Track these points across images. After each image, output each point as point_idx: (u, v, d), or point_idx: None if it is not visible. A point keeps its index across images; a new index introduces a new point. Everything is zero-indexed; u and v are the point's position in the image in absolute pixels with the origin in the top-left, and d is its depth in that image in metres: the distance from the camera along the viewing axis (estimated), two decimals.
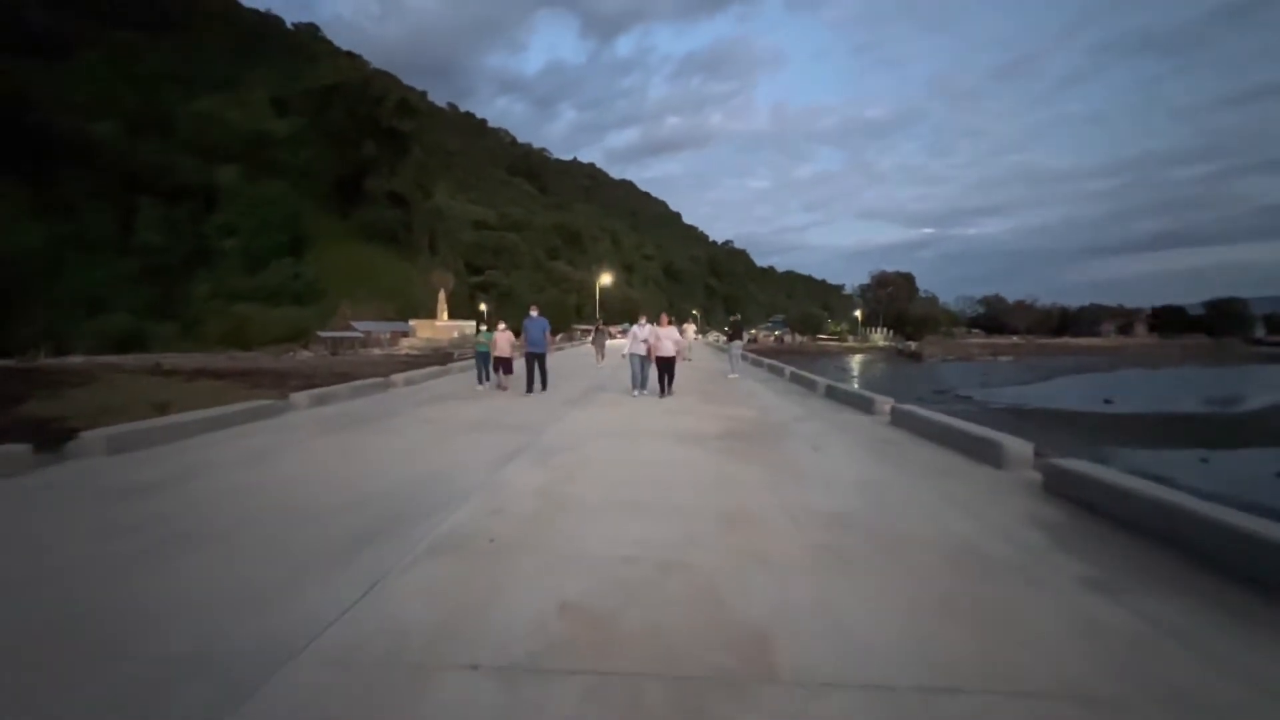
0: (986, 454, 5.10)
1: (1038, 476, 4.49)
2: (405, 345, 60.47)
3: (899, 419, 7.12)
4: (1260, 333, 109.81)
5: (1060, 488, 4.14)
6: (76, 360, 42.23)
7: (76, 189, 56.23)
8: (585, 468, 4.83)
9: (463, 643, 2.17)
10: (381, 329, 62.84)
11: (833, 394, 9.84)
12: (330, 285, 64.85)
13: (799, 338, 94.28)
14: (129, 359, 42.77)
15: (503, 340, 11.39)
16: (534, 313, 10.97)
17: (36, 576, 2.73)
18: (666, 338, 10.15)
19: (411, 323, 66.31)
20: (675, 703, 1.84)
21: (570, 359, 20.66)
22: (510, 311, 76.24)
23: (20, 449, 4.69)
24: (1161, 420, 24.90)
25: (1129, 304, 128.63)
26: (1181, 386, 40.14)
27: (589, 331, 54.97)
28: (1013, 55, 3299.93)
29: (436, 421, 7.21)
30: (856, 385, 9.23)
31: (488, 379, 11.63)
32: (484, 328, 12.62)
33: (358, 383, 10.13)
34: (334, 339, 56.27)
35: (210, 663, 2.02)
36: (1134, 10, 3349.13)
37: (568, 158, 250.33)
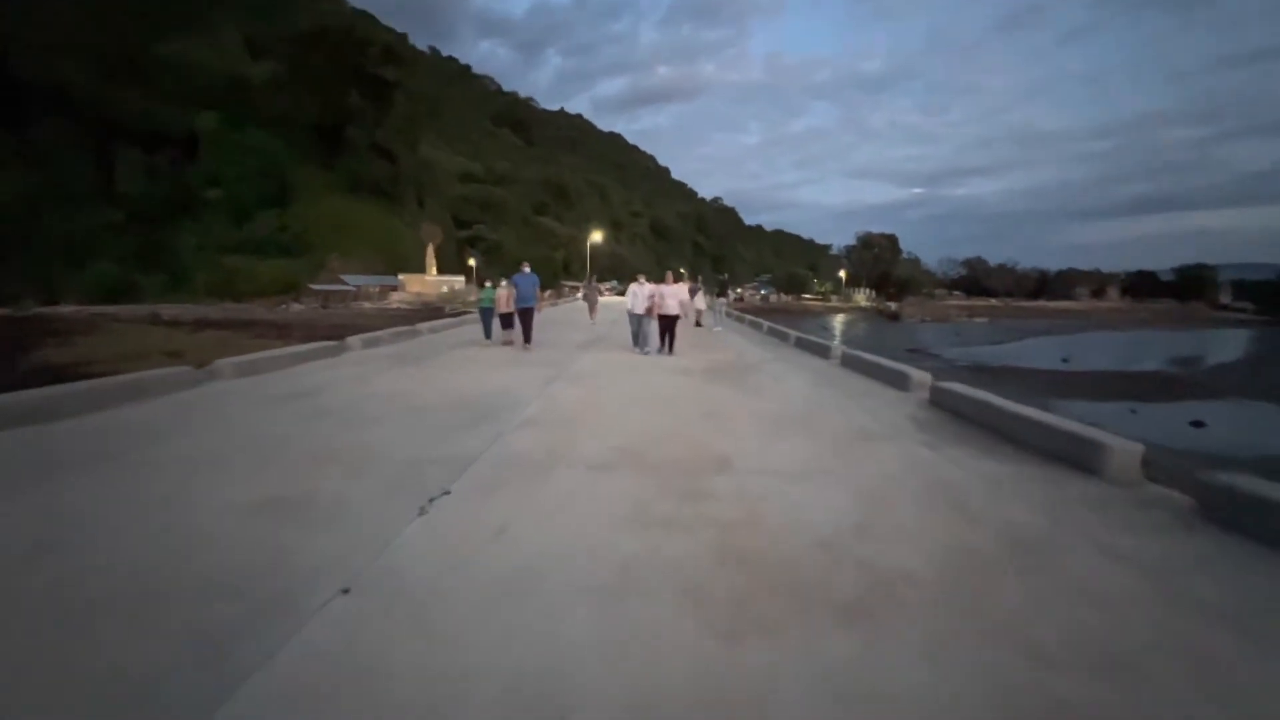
0: (900, 382, 6.96)
1: (927, 395, 6.35)
2: (395, 300, 61.25)
3: (846, 361, 8.98)
4: (1227, 299, 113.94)
5: (938, 400, 6.01)
6: (68, 310, 42.78)
7: (52, 136, 55.15)
8: (607, 388, 6.61)
9: (561, 458, 3.95)
10: (370, 283, 63.35)
11: (800, 344, 11.67)
12: (317, 238, 64.83)
13: (784, 297, 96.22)
14: (123, 310, 43.33)
15: (506, 296, 11.90)
16: (526, 269, 11.38)
17: (283, 435, 4.44)
18: (671, 296, 10.12)
19: (400, 277, 66.84)
20: (682, 479, 3.64)
21: (563, 314, 22.06)
22: (499, 267, 76.80)
23: (185, 369, 6.33)
24: (1110, 377, 27.35)
25: (1109, 268, 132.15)
26: (1140, 348, 42.96)
27: (578, 288, 56.22)
28: (1016, 5, 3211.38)
29: (478, 360, 8.93)
30: (836, 342, 10.93)
31: (498, 332, 12.06)
32: (488, 284, 13.15)
33: (393, 329, 11.73)
34: (325, 292, 56.90)
35: (436, 462, 3.80)
36: None
37: (554, 107, 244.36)
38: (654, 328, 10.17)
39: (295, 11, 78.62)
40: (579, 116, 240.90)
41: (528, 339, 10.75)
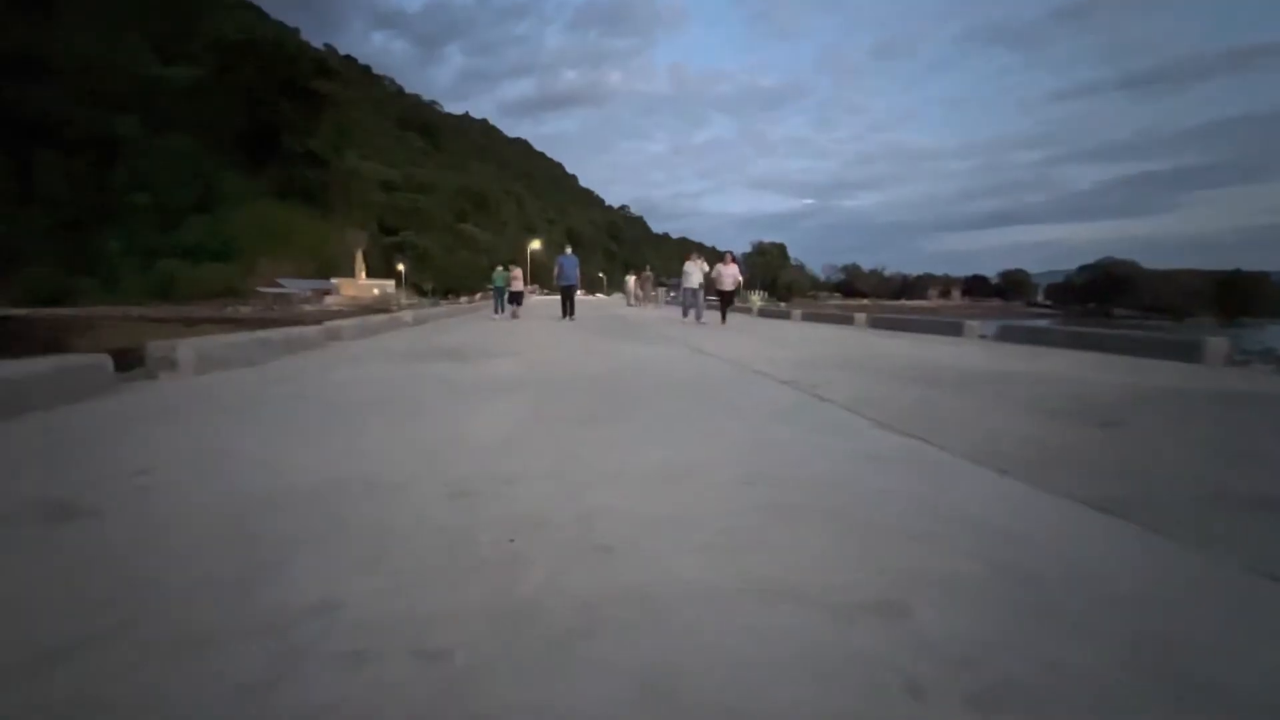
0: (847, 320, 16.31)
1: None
2: (330, 302, 65.12)
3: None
4: (1039, 298, 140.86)
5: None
6: (46, 313, 44.19)
7: None
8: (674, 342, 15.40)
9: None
10: (305, 286, 66.68)
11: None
12: (247, 243, 67.03)
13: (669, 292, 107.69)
14: (95, 311, 45.52)
15: (516, 278, 14.91)
16: (569, 250, 13.68)
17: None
18: (728, 275, 11.66)
19: (334, 280, 70.41)
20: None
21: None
22: (429, 272, 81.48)
23: (314, 329, 14.35)
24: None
25: (964, 273, 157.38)
26: None
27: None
28: (891, 35, 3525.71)
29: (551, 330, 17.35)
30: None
31: (503, 310, 15.23)
32: (500, 267, 15.77)
33: (417, 311, 19.60)
34: (271, 294, 60.10)
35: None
36: (991, 4, 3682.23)
37: (459, 110, 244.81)
38: (696, 298, 12.18)
39: (202, 18, 79.25)
40: (485, 122, 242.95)
41: (572, 314, 12.94)
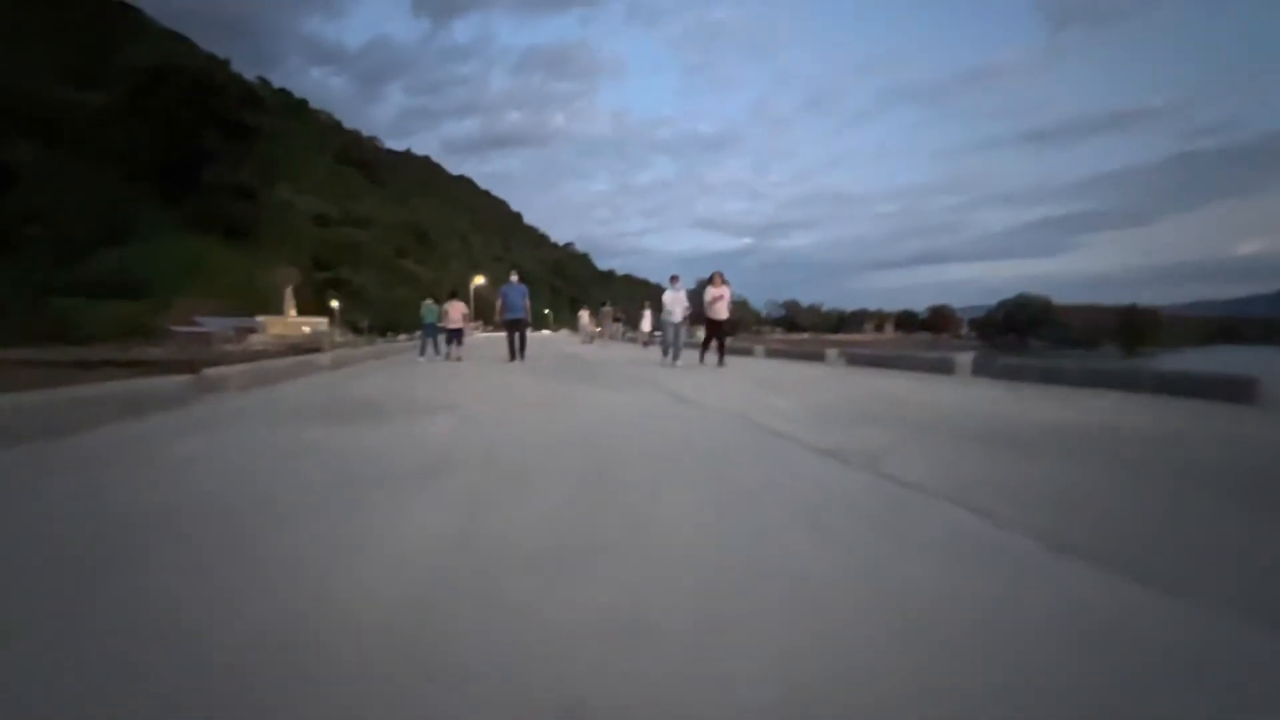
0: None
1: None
2: (256, 342, 60.67)
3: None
4: (965, 330, 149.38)
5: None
6: None
7: None
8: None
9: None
10: (227, 325, 61.96)
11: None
12: (163, 279, 62.01)
13: (629, 329, 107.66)
14: None
15: (455, 312, 11.61)
16: (514, 278, 10.67)
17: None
18: (721, 302, 9.10)
19: (260, 318, 65.84)
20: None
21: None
22: (365, 311, 77.87)
23: (300, 359, 12.74)
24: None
25: (889, 309, 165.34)
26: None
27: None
28: (818, 89, 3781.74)
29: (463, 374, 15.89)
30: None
31: (436, 351, 12.13)
32: (429, 300, 12.46)
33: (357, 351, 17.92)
34: (186, 334, 55.44)
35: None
36: (904, 65, 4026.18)
37: (400, 146, 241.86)
38: (676, 335, 9.34)
39: (122, 46, 74.94)
40: (428, 159, 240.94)
41: (523, 354, 10.50)
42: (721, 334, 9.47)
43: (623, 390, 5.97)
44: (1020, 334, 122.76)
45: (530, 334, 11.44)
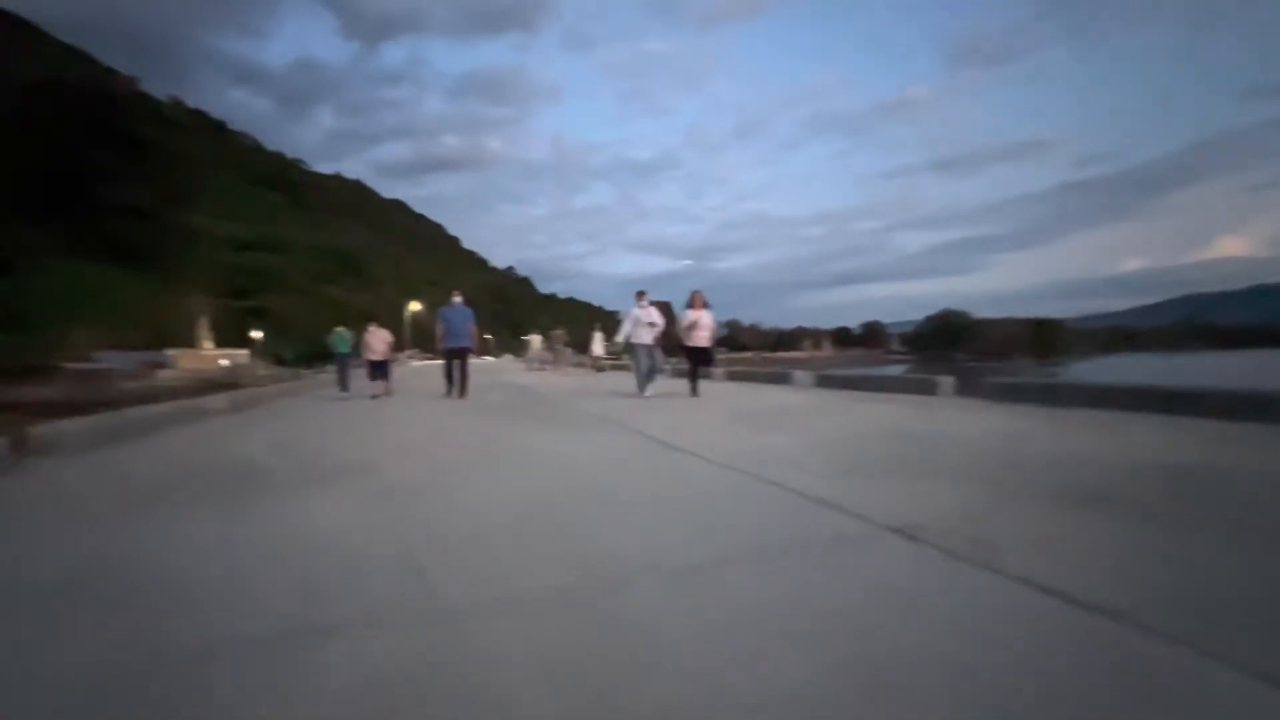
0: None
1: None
2: (165, 377, 55.35)
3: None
4: (895, 345, 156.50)
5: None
6: None
7: None
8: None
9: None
10: (132, 360, 56.27)
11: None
12: (50, 311, 55.79)
13: (579, 355, 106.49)
14: None
15: (378, 341, 10.19)
16: (457, 299, 9.29)
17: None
18: (704, 325, 8.24)
19: (170, 352, 60.21)
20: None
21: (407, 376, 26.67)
22: (289, 340, 73.05)
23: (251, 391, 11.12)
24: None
25: (824, 325, 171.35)
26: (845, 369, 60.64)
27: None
28: (748, 117, 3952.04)
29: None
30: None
31: (345, 388, 10.73)
32: (340, 328, 11.10)
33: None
34: (82, 371, 49.85)
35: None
36: (826, 96, 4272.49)
37: (329, 169, 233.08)
38: (647, 364, 8.22)
39: (11, 60, 68.29)
40: (359, 182, 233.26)
41: (464, 389, 9.04)
42: (704, 362, 8.49)
43: (587, 431, 5.00)
44: (945, 347, 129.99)
45: (474, 361, 9.93)
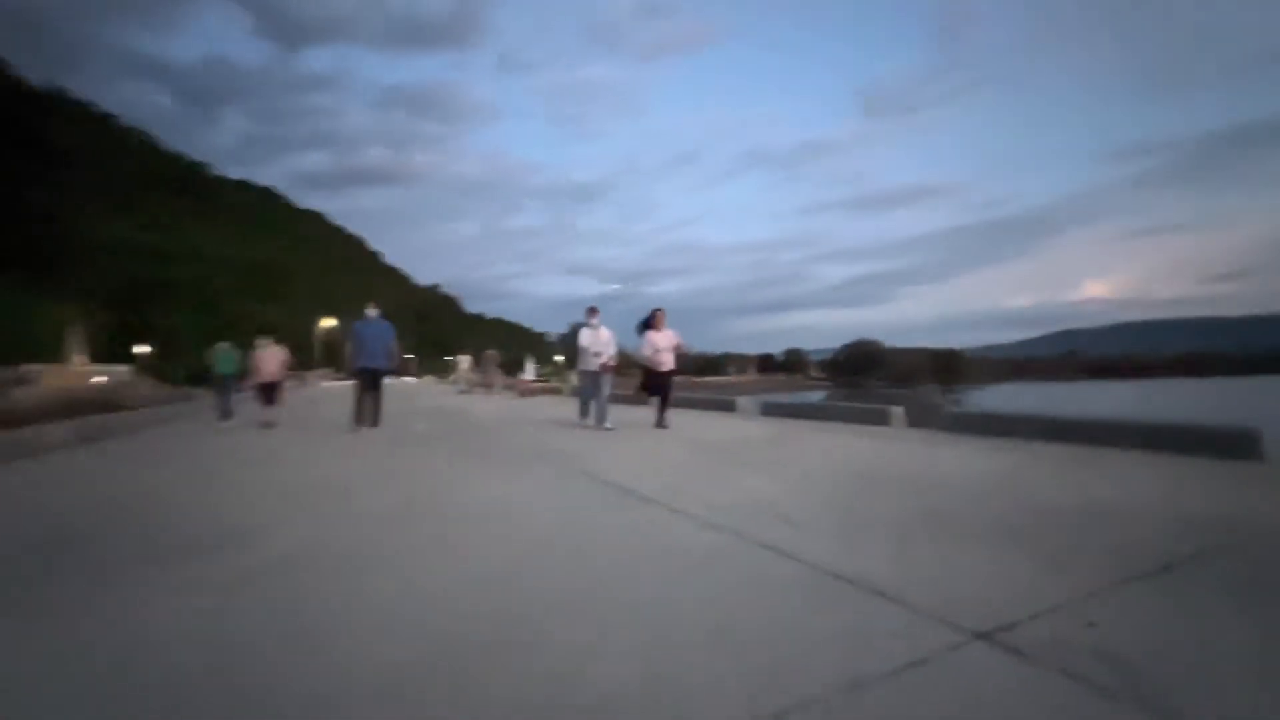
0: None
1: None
2: (23, 398, 48.39)
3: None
4: (815, 372, 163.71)
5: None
6: None
7: None
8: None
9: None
10: None
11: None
12: None
13: (507, 377, 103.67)
14: None
15: (270, 360, 8.87)
16: (372, 312, 7.91)
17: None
18: (667, 347, 7.19)
19: (34, 367, 52.75)
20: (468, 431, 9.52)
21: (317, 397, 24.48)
22: (186, 356, 66.54)
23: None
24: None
25: (754, 352, 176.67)
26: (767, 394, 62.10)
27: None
28: (682, 148, 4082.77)
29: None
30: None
31: (225, 416, 9.23)
32: (225, 344, 9.55)
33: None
34: None
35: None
36: (756, 133, 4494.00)
37: (239, 174, 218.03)
38: (598, 388, 7.32)
39: None
40: (270, 189, 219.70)
41: (377, 418, 7.81)
42: (666, 388, 7.39)
43: (529, 469, 4.27)
44: (860, 374, 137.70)
45: (390, 382, 8.66)
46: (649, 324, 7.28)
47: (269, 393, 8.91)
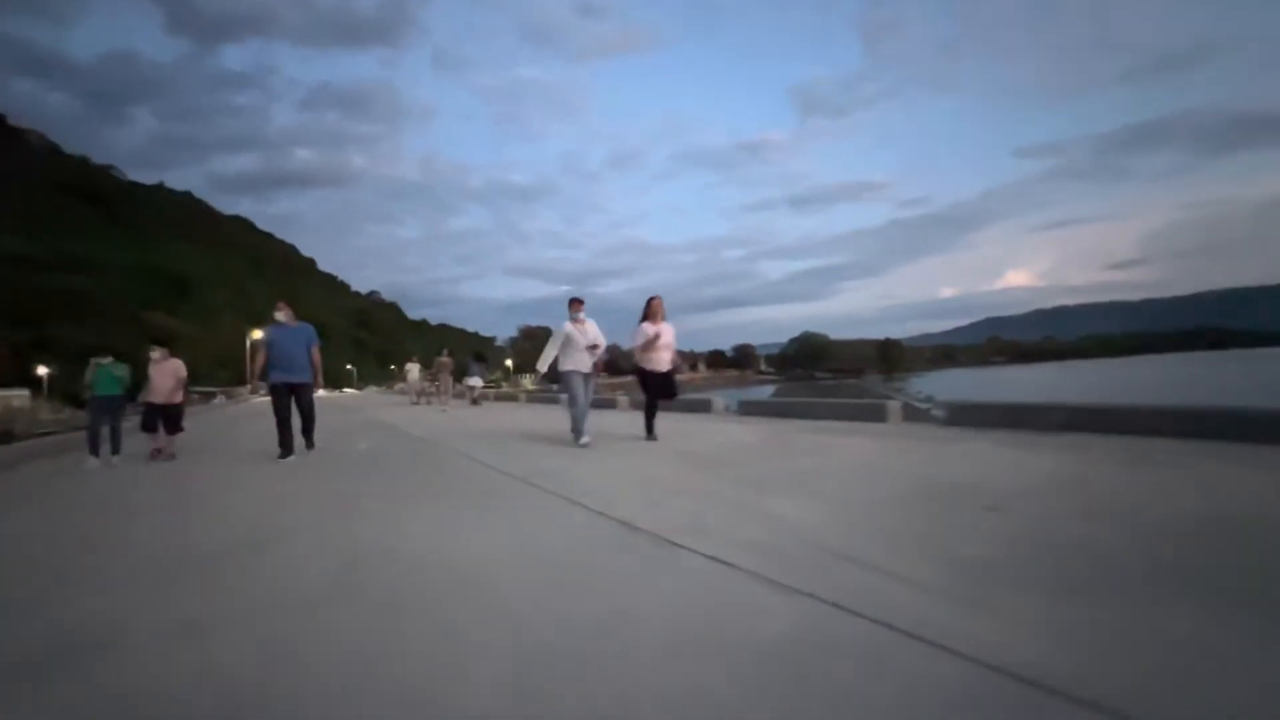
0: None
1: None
2: None
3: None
4: (764, 367, 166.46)
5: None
6: None
7: None
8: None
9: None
10: None
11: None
12: None
13: (456, 385, 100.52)
14: None
15: (163, 376, 7.40)
16: (281, 315, 6.48)
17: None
18: (665, 346, 6.43)
19: None
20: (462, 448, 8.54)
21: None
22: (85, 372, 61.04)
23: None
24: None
25: (704, 348, 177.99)
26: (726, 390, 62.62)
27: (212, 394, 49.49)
28: (622, 148, 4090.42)
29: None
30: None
31: (113, 450, 7.04)
32: (104, 360, 7.13)
33: None
34: None
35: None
36: (694, 133, 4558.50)
37: (151, 179, 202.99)
38: (585, 394, 6.30)
39: None
40: (189, 194, 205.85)
41: (310, 440, 6.73)
42: (668, 393, 6.50)
43: (504, 501, 3.40)
44: (807, 366, 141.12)
45: (327, 395, 7.18)
46: (646, 315, 6.45)
47: (162, 417, 7.34)
